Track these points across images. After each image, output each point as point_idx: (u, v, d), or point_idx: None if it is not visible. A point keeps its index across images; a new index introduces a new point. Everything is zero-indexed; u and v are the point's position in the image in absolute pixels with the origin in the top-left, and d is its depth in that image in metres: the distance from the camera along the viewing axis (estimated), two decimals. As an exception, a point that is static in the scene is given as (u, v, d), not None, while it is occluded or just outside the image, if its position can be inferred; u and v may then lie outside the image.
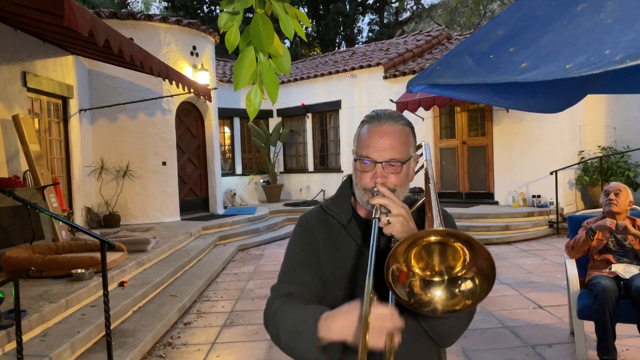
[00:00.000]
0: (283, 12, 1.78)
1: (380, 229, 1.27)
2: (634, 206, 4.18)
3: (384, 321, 1.11)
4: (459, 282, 1.14)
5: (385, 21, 27.25)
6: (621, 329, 3.68)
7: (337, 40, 26.07)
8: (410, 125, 1.46)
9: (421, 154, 1.61)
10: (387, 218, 1.27)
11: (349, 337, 1.16)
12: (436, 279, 1.16)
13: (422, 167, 1.59)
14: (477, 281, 1.13)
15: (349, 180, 1.54)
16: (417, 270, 1.16)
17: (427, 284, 1.16)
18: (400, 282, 1.14)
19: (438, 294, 1.15)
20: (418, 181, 1.60)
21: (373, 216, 1.28)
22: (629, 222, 3.87)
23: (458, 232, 1.11)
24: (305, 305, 1.37)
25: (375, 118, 1.42)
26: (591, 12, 1.28)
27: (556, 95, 2.44)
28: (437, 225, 1.17)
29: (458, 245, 1.13)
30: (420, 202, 1.47)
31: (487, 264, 1.11)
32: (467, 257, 1.13)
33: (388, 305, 1.16)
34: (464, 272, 1.14)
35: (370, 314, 1.08)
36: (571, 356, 3.96)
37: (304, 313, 1.31)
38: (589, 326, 3.78)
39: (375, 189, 1.35)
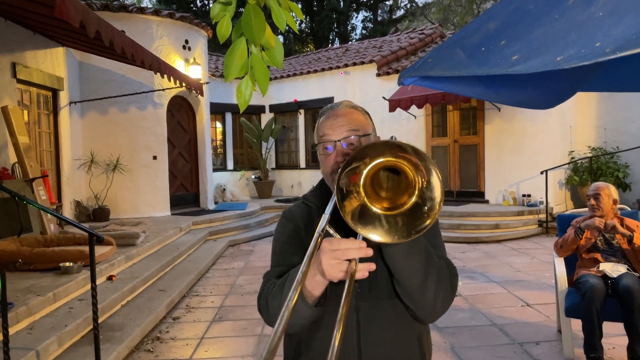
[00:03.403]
0: (276, 4, 1.77)
1: None
2: (622, 206, 4.21)
3: (347, 250, 1.14)
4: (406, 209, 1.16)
5: (379, 19, 27.26)
6: (608, 327, 3.71)
7: (331, 37, 26.03)
8: (364, 111, 1.51)
9: None
10: None
11: (325, 273, 1.17)
12: (378, 209, 1.16)
13: None
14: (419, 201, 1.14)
15: None
16: (363, 194, 1.16)
17: (365, 211, 1.16)
18: (352, 182, 1.15)
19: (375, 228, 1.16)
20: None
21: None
22: (617, 221, 3.90)
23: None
24: None
25: (329, 107, 1.50)
26: (582, 6, 1.29)
27: (546, 91, 2.45)
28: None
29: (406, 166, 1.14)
30: None
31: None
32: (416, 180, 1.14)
33: (352, 238, 1.18)
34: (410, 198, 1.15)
35: (333, 244, 1.14)
36: (558, 354, 3.99)
37: (290, 272, 1.35)
38: (577, 324, 3.80)
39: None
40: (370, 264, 1.15)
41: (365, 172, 1.15)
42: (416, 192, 1.14)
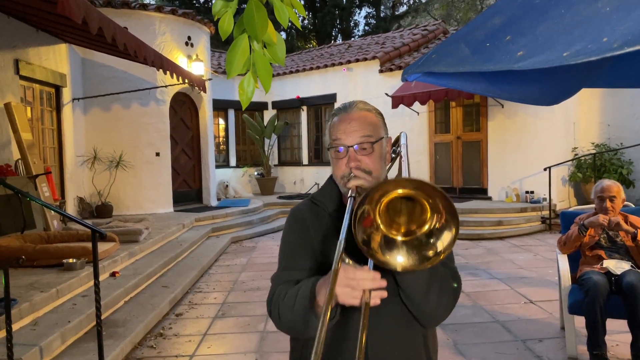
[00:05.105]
0: (278, 0, 1.76)
1: None
2: (626, 202, 4.19)
3: (362, 280, 1.15)
4: (428, 239, 1.16)
5: (381, 15, 27.16)
6: (611, 324, 3.70)
7: (333, 33, 25.97)
8: (378, 111, 1.51)
9: (399, 146, 1.62)
10: None
11: (338, 297, 1.18)
12: (399, 238, 1.17)
13: (399, 154, 1.60)
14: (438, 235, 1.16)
15: None
16: (381, 226, 1.17)
17: (387, 243, 1.17)
18: (363, 225, 1.15)
19: (399, 260, 1.16)
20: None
21: (349, 195, 1.30)
22: (621, 218, 3.89)
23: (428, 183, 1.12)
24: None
25: (343, 109, 1.48)
26: (589, 1, 1.28)
27: (551, 87, 2.43)
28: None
29: (424, 201, 1.14)
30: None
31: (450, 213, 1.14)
32: (434, 216, 1.16)
33: (367, 267, 1.19)
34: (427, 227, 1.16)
35: (348, 273, 1.14)
36: (561, 351, 3.98)
37: (301, 285, 1.35)
38: (580, 321, 3.79)
39: (352, 174, 1.39)
40: (382, 291, 1.17)
41: (379, 208, 1.16)
42: (433, 219, 1.16)
